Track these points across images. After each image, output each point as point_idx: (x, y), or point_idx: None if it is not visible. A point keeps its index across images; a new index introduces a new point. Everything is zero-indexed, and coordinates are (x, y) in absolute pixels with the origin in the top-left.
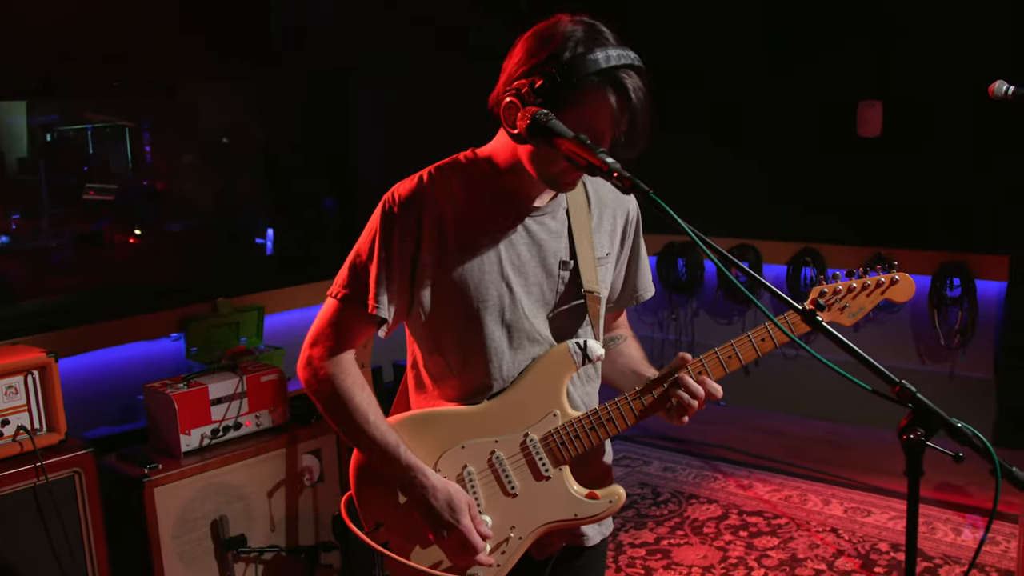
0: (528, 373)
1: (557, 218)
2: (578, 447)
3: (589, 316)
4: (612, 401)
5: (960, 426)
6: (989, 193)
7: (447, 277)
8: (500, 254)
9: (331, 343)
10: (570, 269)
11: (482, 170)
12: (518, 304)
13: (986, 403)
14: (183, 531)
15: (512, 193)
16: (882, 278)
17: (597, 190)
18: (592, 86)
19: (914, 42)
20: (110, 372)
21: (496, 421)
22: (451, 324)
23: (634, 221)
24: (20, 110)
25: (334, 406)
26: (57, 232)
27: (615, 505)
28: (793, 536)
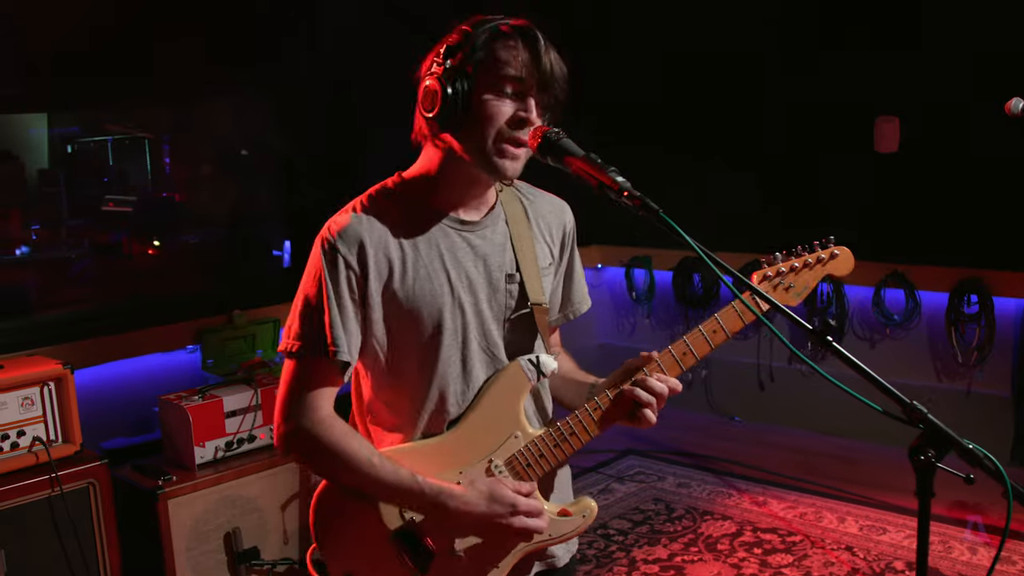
0: (484, 396)
1: (498, 230)
2: (544, 466)
3: (538, 329)
4: (572, 414)
5: (972, 447)
6: (1007, 209)
7: (400, 307)
8: (449, 274)
9: (303, 407)
10: (516, 282)
11: (415, 192)
12: (472, 323)
13: (1004, 421)
14: (196, 543)
15: (450, 209)
16: (822, 253)
17: (533, 201)
18: (493, 41)
19: (933, 58)
20: (127, 383)
21: (458, 451)
22: (410, 353)
23: (572, 233)
24: (41, 122)
25: (334, 467)
26: (76, 243)
27: (587, 520)
28: (808, 554)
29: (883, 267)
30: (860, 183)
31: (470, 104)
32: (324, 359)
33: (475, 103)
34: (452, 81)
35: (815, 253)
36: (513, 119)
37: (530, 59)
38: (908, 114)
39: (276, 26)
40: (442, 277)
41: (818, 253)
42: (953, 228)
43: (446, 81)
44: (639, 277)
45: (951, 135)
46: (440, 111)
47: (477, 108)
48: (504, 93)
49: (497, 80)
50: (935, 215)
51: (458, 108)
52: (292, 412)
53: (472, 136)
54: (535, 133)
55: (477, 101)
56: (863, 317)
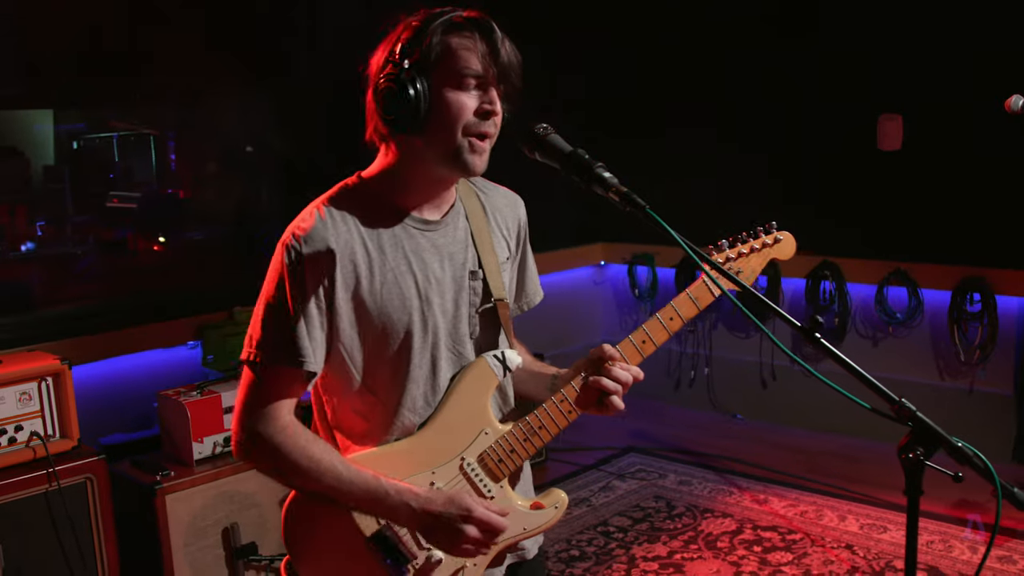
0: (452, 394)
1: (459, 227)
2: (516, 460)
3: (502, 324)
4: (540, 407)
5: (961, 445)
6: (1010, 208)
7: (368, 313)
8: (415, 275)
9: (265, 416)
10: (480, 279)
11: (377, 192)
12: (440, 325)
13: (1006, 419)
14: (194, 538)
15: (412, 209)
16: (766, 239)
17: (488, 196)
18: (448, 35)
19: (935, 56)
20: (128, 379)
21: (429, 452)
22: (380, 359)
23: (524, 227)
24: (47, 119)
25: (297, 475)
26: (81, 239)
27: (560, 511)
28: (808, 552)
29: (886, 265)
30: (863, 181)
31: (432, 102)
32: (288, 369)
33: (437, 101)
34: (411, 81)
35: (759, 239)
36: (479, 111)
37: (488, 51)
38: (911, 112)
39: (279, 24)
40: (409, 280)
41: (762, 239)
42: (956, 226)
43: (405, 82)
44: (642, 274)
45: (954, 133)
46: (401, 113)
47: (440, 105)
48: (465, 87)
49: (458, 75)
50: (938, 213)
51: (420, 108)
52: (253, 420)
53: (438, 134)
54: (526, 139)
55: (439, 98)
56: (866, 315)
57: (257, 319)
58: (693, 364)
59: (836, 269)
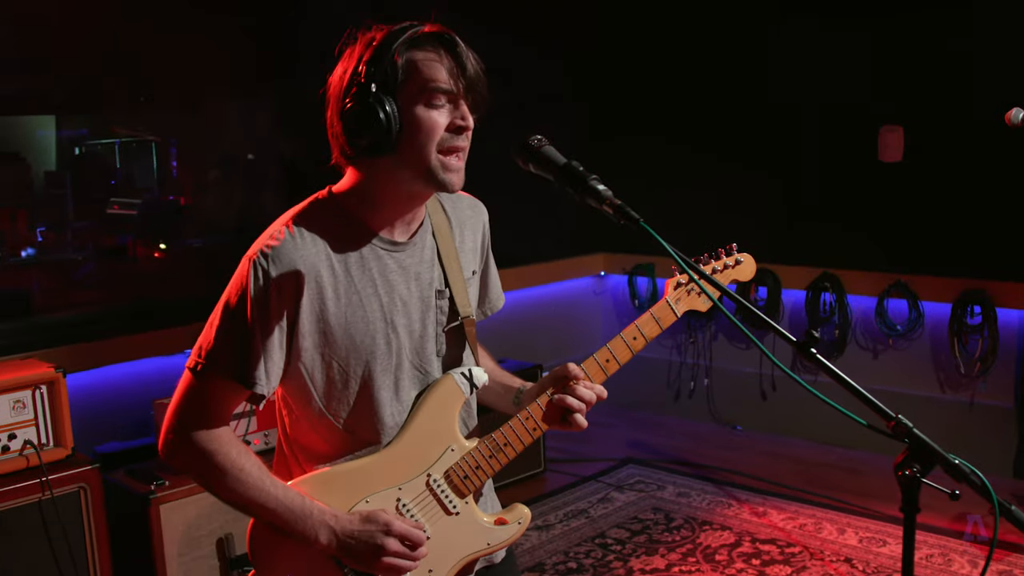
0: (419, 412)
1: (427, 246)
2: (481, 477)
3: (468, 341)
4: (506, 425)
5: (958, 463)
6: (1010, 220)
7: (332, 335)
8: (381, 298)
9: (202, 422)
10: (447, 297)
11: (347, 211)
12: (406, 345)
13: (1007, 432)
14: (189, 548)
15: (381, 229)
16: (727, 260)
17: (454, 207)
18: (414, 46)
19: (937, 67)
20: (125, 386)
21: (395, 468)
22: (342, 381)
23: (488, 233)
24: (50, 124)
25: (220, 479)
26: (82, 245)
27: (523, 526)
28: (806, 565)
29: (886, 277)
30: (864, 192)
31: (402, 122)
32: (236, 385)
33: (407, 120)
34: (379, 103)
35: (720, 260)
36: (451, 127)
37: (454, 64)
38: (912, 124)
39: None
40: (375, 303)
41: (723, 260)
42: (957, 238)
43: (373, 104)
44: (642, 285)
45: (955, 145)
46: (371, 135)
47: (411, 124)
48: (435, 103)
49: (427, 92)
50: (939, 225)
51: (391, 129)
52: (186, 423)
53: (410, 154)
54: (520, 150)
55: (409, 117)
56: (866, 327)
57: (211, 328)
58: (693, 375)
59: (836, 281)
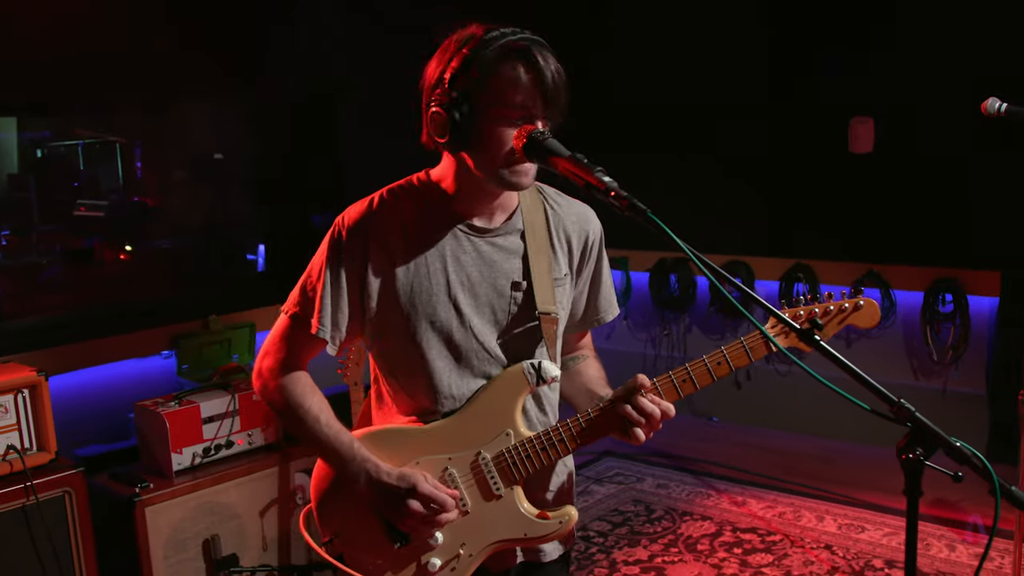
0: (483, 393)
1: (511, 239)
2: (529, 467)
3: (544, 337)
4: (563, 422)
5: (959, 445)
6: (981, 209)
7: (395, 300)
8: (448, 275)
9: (281, 355)
10: (523, 290)
11: (434, 192)
12: (467, 325)
13: (979, 419)
14: (174, 551)
15: (465, 214)
16: (846, 303)
17: (556, 211)
18: (496, 63)
19: (906, 57)
20: (101, 390)
21: (450, 439)
22: (400, 345)
23: (596, 242)
24: (11, 126)
25: (287, 413)
26: (48, 248)
27: (565, 526)
28: (787, 553)
29: (858, 267)
30: (835, 184)
31: (478, 130)
32: (308, 331)
33: (482, 129)
34: (458, 110)
35: (839, 302)
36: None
37: (533, 82)
38: (882, 115)
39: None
40: (440, 277)
41: (842, 303)
42: (928, 228)
43: (452, 111)
44: (615, 278)
45: (925, 135)
46: (450, 136)
47: (484, 134)
48: (509, 119)
49: (503, 107)
50: (910, 215)
51: (467, 134)
52: (268, 361)
53: (483, 158)
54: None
55: (483, 128)
56: None
57: (300, 281)
58: (668, 367)
59: (809, 271)
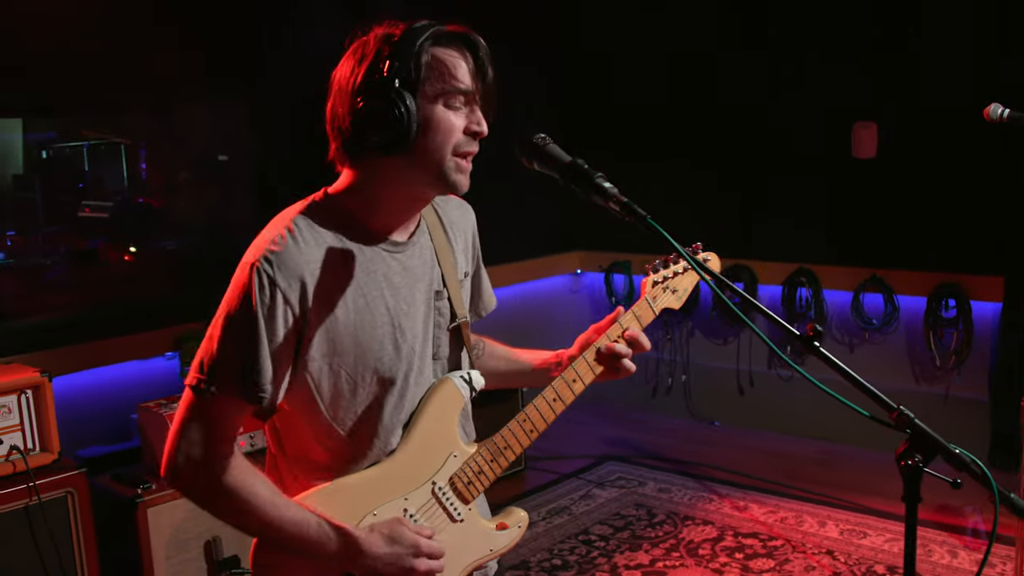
0: (420, 418)
1: (425, 246)
2: (484, 481)
3: (465, 344)
4: (506, 428)
5: (959, 452)
6: (984, 214)
7: (340, 342)
8: (387, 301)
9: (207, 442)
10: (445, 297)
11: (347, 212)
12: (412, 350)
13: (981, 424)
14: (176, 552)
15: (384, 231)
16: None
17: (443, 208)
18: (435, 49)
19: (910, 63)
20: (104, 390)
21: (400, 478)
22: (349, 389)
23: (476, 233)
24: (16, 127)
25: (234, 510)
26: (52, 249)
27: (522, 529)
28: (789, 558)
29: (862, 272)
30: (838, 188)
31: (424, 121)
32: (240, 401)
33: (426, 119)
34: (401, 99)
35: (680, 263)
36: (467, 131)
37: (475, 68)
38: (886, 120)
39: (253, 32)
40: (381, 307)
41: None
42: (931, 233)
43: (394, 100)
44: (618, 282)
45: (928, 140)
46: (389, 133)
47: (429, 124)
48: (454, 105)
49: (447, 93)
50: (913, 220)
51: (411, 127)
52: (191, 446)
53: (427, 154)
54: (522, 145)
55: (428, 117)
56: (842, 321)
57: (212, 341)
58: (670, 371)
59: (812, 276)
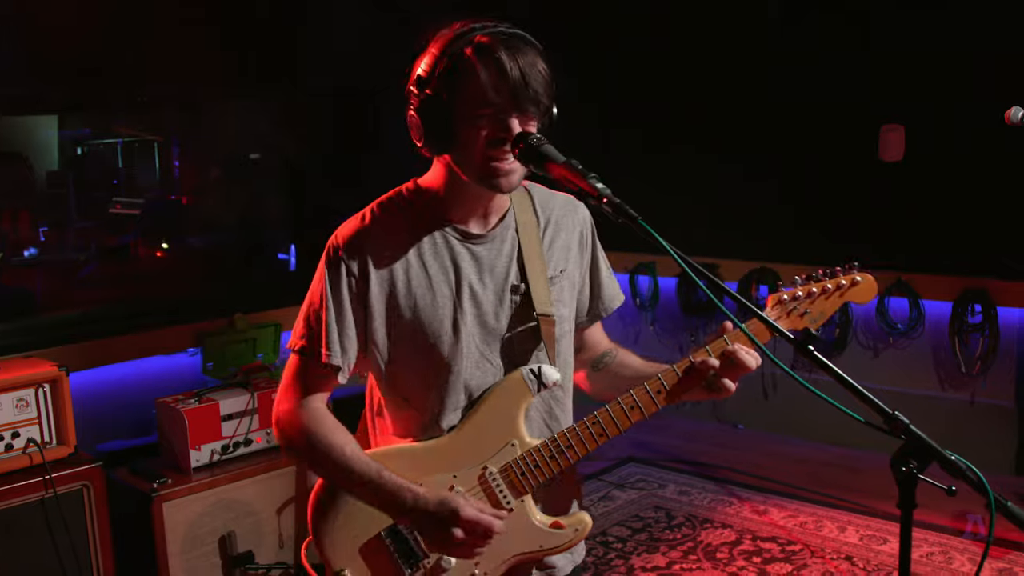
0: (483, 403)
1: (506, 241)
2: (539, 476)
3: (544, 340)
4: (571, 427)
5: (954, 459)
6: (1012, 220)
7: (400, 316)
8: (451, 286)
9: (297, 397)
10: (521, 293)
11: (426, 202)
12: (472, 335)
13: (1007, 431)
14: (191, 546)
15: (458, 221)
16: (843, 279)
17: (545, 207)
18: (464, 60)
19: (934, 68)
20: (127, 385)
21: (453, 456)
22: (408, 362)
23: (589, 232)
24: (52, 124)
25: (313, 456)
26: (84, 245)
27: (580, 534)
28: (807, 563)
29: (887, 276)
30: (865, 191)
31: (454, 132)
32: (319, 362)
33: (456, 130)
34: (430, 112)
35: (835, 279)
36: (491, 137)
37: (501, 78)
38: (913, 123)
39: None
40: (444, 289)
41: (838, 279)
42: (957, 237)
43: (424, 113)
44: (643, 284)
45: (955, 144)
46: (426, 140)
47: (458, 134)
48: (482, 116)
49: (474, 102)
50: (939, 224)
51: (442, 136)
52: (285, 403)
53: (463, 157)
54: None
55: (457, 128)
56: (867, 326)
57: (302, 312)
58: None
59: None
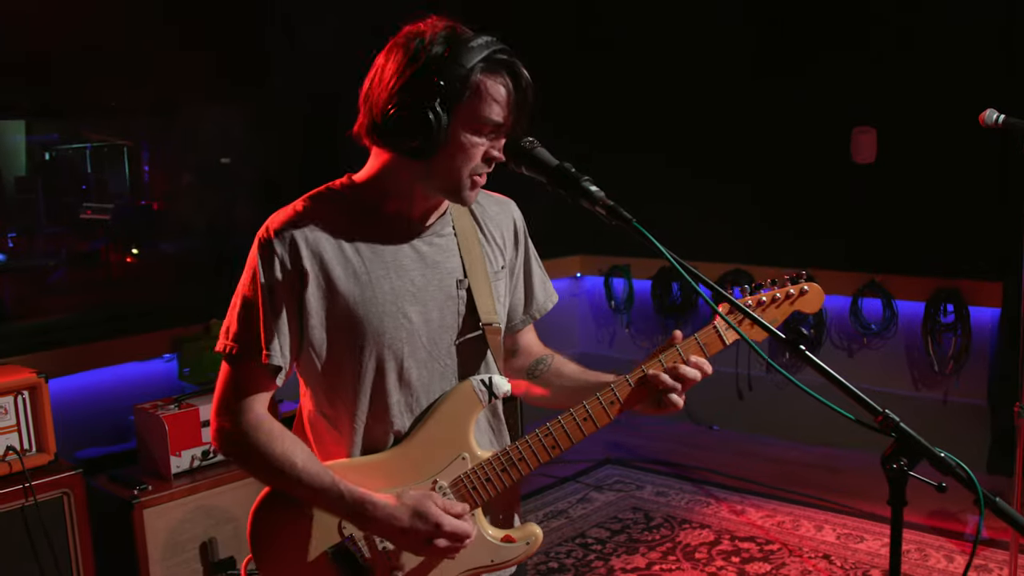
0: (433, 414)
1: (446, 235)
2: (490, 490)
3: (490, 348)
4: (523, 440)
5: (943, 456)
6: (983, 220)
7: (338, 314)
8: (392, 282)
9: (234, 405)
10: (466, 287)
11: (364, 197)
12: (418, 334)
13: (980, 429)
14: (172, 553)
15: (397, 216)
16: (791, 289)
17: (480, 205)
18: (482, 75)
19: (908, 69)
20: (103, 392)
21: (402, 470)
22: (347, 365)
23: (522, 230)
24: (19, 129)
25: (257, 465)
26: (54, 251)
27: (532, 546)
28: (785, 562)
29: (860, 277)
30: (837, 194)
31: (450, 139)
32: (257, 363)
33: (453, 139)
34: (436, 117)
35: (784, 288)
36: (486, 156)
37: (513, 97)
38: (885, 125)
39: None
40: (384, 285)
41: (787, 288)
42: (930, 238)
43: (429, 115)
44: (618, 286)
45: (927, 146)
46: (415, 140)
47: (453, 145)
48: (483, 132)
49: (480, 120)
50: (912, 225)
51: (436, 140)
52: (224, 412)
53: (444, 167)
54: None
55: (455, 137)
56: (840, 326)
57: (232, 311)
58: None
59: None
